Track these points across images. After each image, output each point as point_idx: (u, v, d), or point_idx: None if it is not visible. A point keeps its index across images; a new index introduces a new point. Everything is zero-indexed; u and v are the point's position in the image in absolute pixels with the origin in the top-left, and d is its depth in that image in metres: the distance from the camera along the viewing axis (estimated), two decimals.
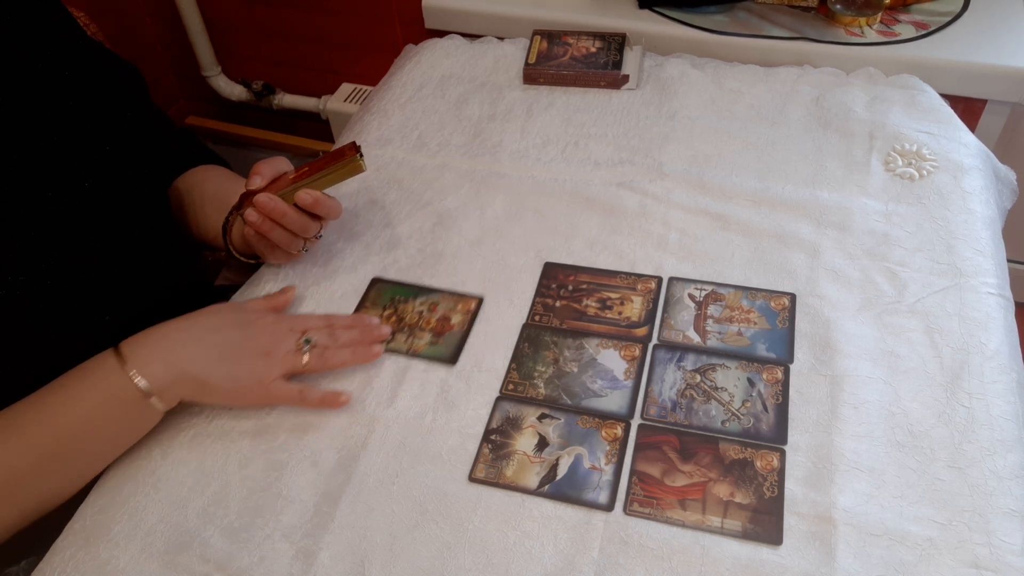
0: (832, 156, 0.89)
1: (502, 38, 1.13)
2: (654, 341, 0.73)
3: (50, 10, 0.74)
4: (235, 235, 0.80)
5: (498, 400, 0.69)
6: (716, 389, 0.69)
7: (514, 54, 1.09)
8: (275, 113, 1.79)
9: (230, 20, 1.67)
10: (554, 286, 0.78)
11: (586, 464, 0.64)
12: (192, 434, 0.68)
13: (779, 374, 0.69)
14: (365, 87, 1.64)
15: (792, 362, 0.70)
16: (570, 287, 0.78)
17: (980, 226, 0.80)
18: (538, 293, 0.78)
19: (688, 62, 1.05)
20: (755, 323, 0.73)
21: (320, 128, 1.77)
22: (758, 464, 0.63)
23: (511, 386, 0.70)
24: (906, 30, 1.08)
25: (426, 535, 0.61)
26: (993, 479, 0.61)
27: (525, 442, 0.66)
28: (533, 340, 0.74)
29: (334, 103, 1.63)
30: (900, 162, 0.87)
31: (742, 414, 0.67)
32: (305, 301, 0.79)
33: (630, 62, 1.04)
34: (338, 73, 1.68)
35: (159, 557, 0.61)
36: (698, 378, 0.70)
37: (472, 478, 0.64)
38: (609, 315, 0.75)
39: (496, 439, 0.66)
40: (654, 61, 1.06)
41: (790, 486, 0.62)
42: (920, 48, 1.05)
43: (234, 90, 1.77)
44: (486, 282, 0.79)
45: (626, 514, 0.61)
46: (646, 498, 0.62)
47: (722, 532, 0.60)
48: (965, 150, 0.89)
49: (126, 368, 0.62)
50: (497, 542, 0.60)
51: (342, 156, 0.74)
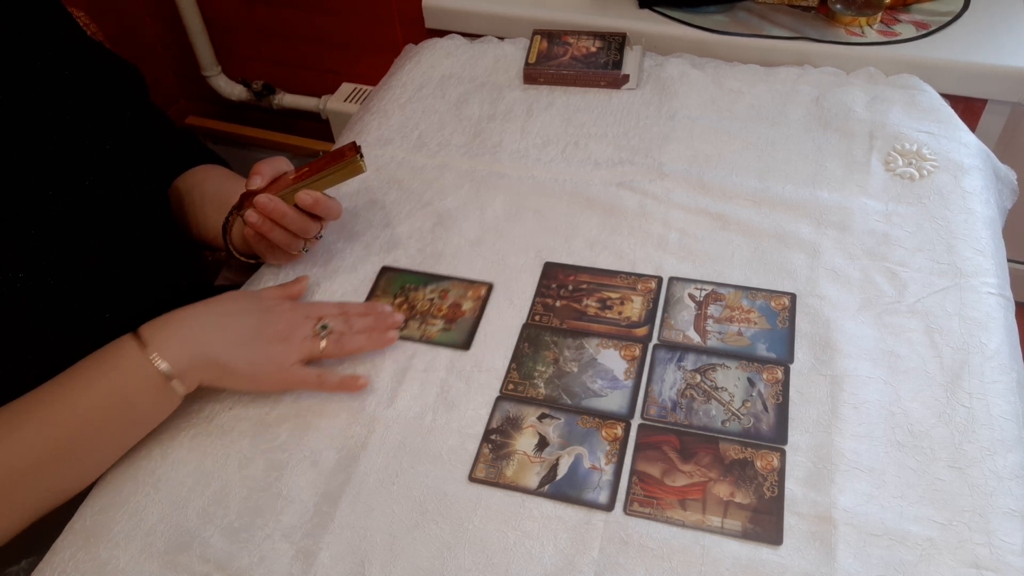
0: (832, 156, 0.89)
1: (502, 38, 1.13)
2: (654, 341, 0.73)
3: (50, 10, 0.74)
4: (235, 235, 0.80)
5: (498, 400, 0.69)
6: (716, 389, 0.69)
7: (514, 54, 1.09)
8: (275, 113, 1.79)
9: (230, 20, 1.67)
10: (554, 286, 0.78)
11: (586, 464, 0.64)
12: (192, 434, 0.68)
13: (779, 374, 0.69)
14: (365, 87, 1.64)
15: (792, 362, 0.70)
16: (570, 287, 0.78)
17: (980, 226, 0.80)
18: (538, 293, 0.78)
19: (688, 62, 1.05)
20: (755, 323, 0.73)
21: (320, 128, 1.77)
22: (758, 464, 0.63)
23: (511, 386, 0.70)
24: (906, 30, 1.08)
25: (426, 535, 0.61)
26: (993, 479, 0.61)
27: (525, 442, 0.66)
28: (533, 340, 0.74)
29: (334, 103, 1.63)
30: (900, 162, 0.87)
31: (742, 414, 0.67)
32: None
33: (630, 62, 1.04)
34: (338, 73, 1.68)
35: (159, 557, 0.61)
36: (698, 378, 0.70)
37: (472, 478, 0.64)
38: (609, 315, 0.75)
39: (496, 439, 0.66)
40: (654, 61, 1.06)
41: (790, 486, 0.62)
42: (920, 48, 1.05)
43: (234, 90, 1.77)
44: None
45: (626, 514, 0.61)
46: (646, 498, 0.62)
47: (722, 532, 0.60)
48: (965, 150, 0.89)
49: (147, 351, 0.63)
50: (497, 542, 0.60)
51: (342, 156, 0.74)
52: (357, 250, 0.84)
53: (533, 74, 1.04)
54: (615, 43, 1.06)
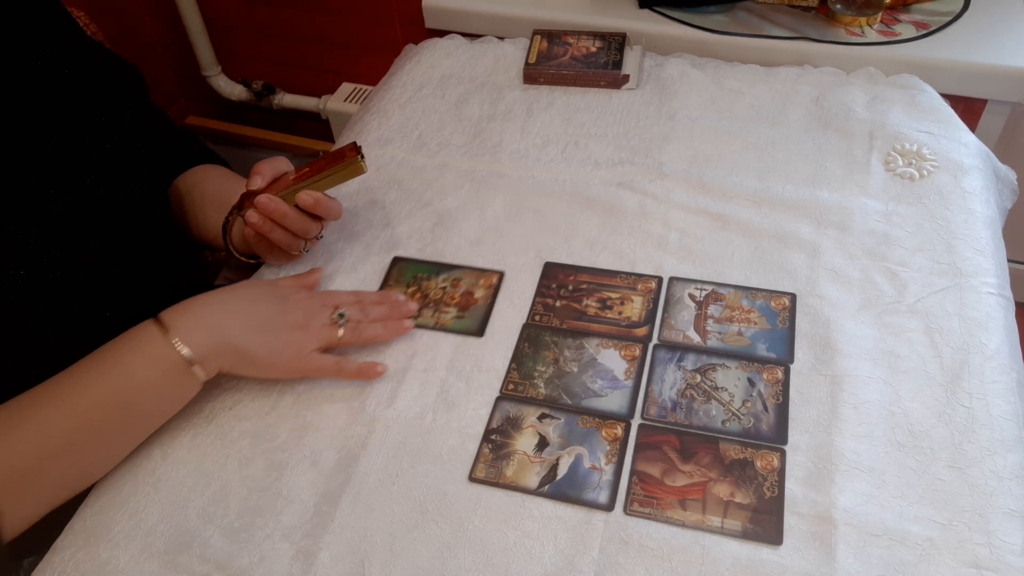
0: (832, 156, 0.89)
1: (502, 38, 1.13)
2: (654, 341, 0.73)
3: (50, 10, 0.74)
4: (235, 235, 0.80)
5: (498, 400, 0.69)
6: (716, 389, 0.69)
7: (514, 54, 1.09)
8: (275, 113, 1.79)
9: (230, 20, 1.67)
10: (554, 286, 0.78)
11: (586, 464, 0.64)
12: (192, 434, 0.68)
13: (779, 374, 0.69)
14: (365, 87, 1.64)
15: (792, 362, 0.70)
16: (570, 287, 0.78)
17: (980, 226, 0.80)
18: (538, 293, 0.78)
19: (688, 62, 1.05)
20: (755, 323, 0.73)
21: (320, 128, 1.77)
22: (758, 464, 0.63)
23: (511, 386, 0.70)
24: (906, 30, 1.08)
25: (426, 535, 0.61)
26: (993, 479, 0.61)
27: (525, 442, 0.66)
28: (533, 340, 0.74)
29: (334, 103, 1.63)
30: (900, 162, 0.87)
31: (742, 414, 0.67)
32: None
33: (630, 62, 1.04)
34: (338, 73, 1.68)
35: (159, 557, 0.61)
36: (698, 378, 0.70)
37: (472, 478, 0.64)
38: (609, 315, 0.75)
39: (496, 439, 0.66)
40: (654, 61, 1.06)
41: (790, 486, 0.62)
42: (920, 48, 1.05)
43: (234, 90, 1.77)
44: None
45: (626, 514, 0.61)
46: (646, 498, 0.62)
47: (722, 532, 0.60)
48: (965, 150, 0.89)
49: (169, 336, 0.63)
50: (497, 542, 0.60)
51: (343, 157, 0.74)
52: (357, 250, 0.84)
53: (533, 74, 1.04)
54: (615, 43, 1.06)
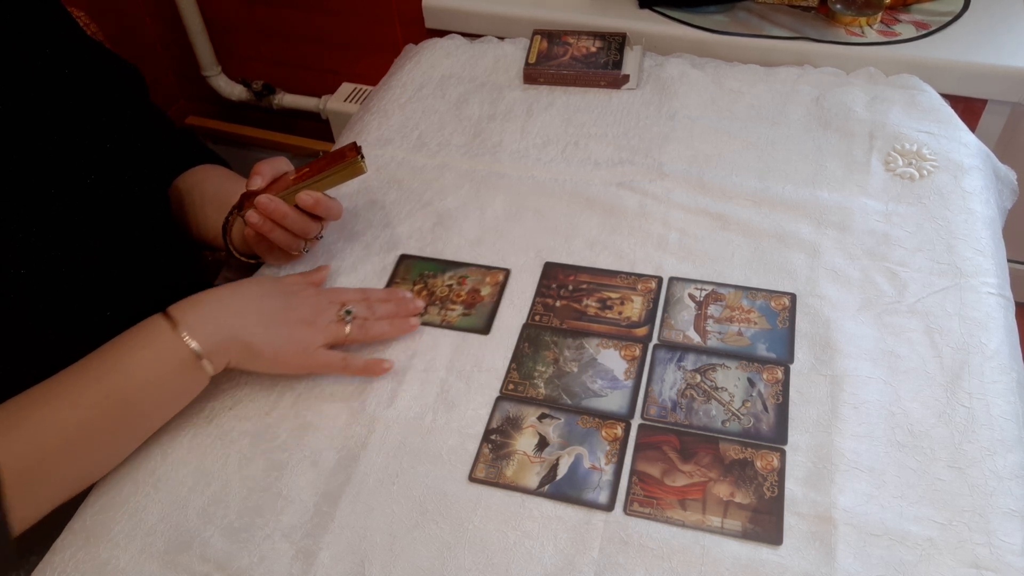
0: (832, 156, 0.89)
1: (502, 38, 1.13)
2: (654, 341, 0.73)
3: (50, 10, 0.74)
4: (235, 235, 0.80)
5: (498, 400, 0.69)
6: (716, 389, 0.69)
7: (514, 54, 1.09)
8: (275, 113, 1.79)
9: (230, 20, 1.67)
10: (554, 286, 0.78)
11: (586, 464, 0.64)
12: (192, 434, 0.68)
13: (779, 374, 0.69)
14: (365, 87, 1.64)
15: (792, 362, 0.70)
16: (570, 287, 0.78)
17: (980, 226, 0.80)
18: (538, 293, 0.78)
19: (688, 62, 1.05)
20: (755, 323, 0.73)
21: (320, 128, 1.77)
22: (758, 464, 0.63)
23: (511, 386, 0.70)
24: (906, 30, 1.08)
25: (426, 535, 0.61)
26: (993, 479, 0.61)
27: (525, 442, 0.66)
28: (533, 340, 0.74)
29: (334, 103, 1.63)
30: (900, 162, 0.87)
31: (742, 414, 0.67)
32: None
33: (630, 62, 1.04)
34: (338, 73, 1.68)
35: (159, 557, 0.61)
36: (698, 378, 0.70)
37: (472, 478, 0.64)
38: (609, 315, 0.75)
39: (496, 439, 0.66)
40: (654, 61, 1.06)
41: (790, 486, 0.62)
42: (920, 48, 1.05)
43: (234, 90, 1.77)
44: None
45: (626, 514, 0.61)
46: (646, 498, 0.62)
47: (722, 532, 0.60)
48: (965, 150, 0.89)
49: (178, 330, 0.63)
50: (497, 542, 0.60)
51: (343, 157, 0.74)
52: (357, 250, 0.84)
53: (533, 74, 1.04)
54: (615, 43, 1.06)
